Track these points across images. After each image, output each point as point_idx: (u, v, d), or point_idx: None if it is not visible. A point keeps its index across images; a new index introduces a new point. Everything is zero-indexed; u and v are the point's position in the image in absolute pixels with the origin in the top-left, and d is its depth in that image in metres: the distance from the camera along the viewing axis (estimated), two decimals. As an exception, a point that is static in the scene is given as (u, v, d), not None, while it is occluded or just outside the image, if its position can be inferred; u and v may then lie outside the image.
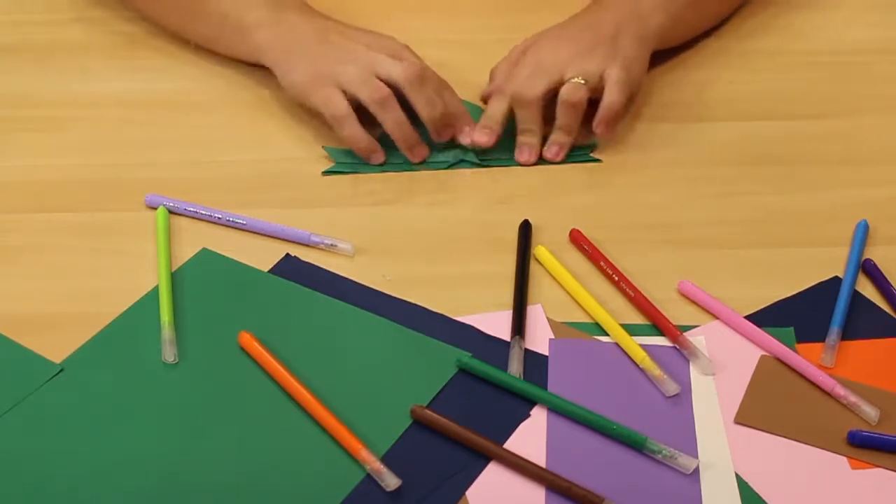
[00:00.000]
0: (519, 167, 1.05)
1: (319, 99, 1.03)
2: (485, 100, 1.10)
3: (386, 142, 1.05)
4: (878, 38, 1.22)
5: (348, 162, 1.05)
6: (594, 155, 1.06)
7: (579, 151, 1.06)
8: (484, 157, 1.05)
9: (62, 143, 1.08)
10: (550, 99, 1.04)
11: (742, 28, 1.22)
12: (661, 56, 1.17)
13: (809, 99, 1.13)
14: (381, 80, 1.02)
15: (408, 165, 1.05)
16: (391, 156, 1.05)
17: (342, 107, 1.02)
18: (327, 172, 1.04)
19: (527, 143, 1.05)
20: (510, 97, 1.04)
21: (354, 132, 1.03)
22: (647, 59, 1.09)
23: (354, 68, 1.03)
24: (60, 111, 1.12)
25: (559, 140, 1.05)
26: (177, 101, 1.13)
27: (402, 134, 1.03)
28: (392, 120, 1.03)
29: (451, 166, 1.05)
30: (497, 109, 1.05)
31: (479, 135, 1.05)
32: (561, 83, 1.03)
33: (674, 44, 1.15)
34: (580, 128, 1.06)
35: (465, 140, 1.05)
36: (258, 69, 1.13)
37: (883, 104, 1.13)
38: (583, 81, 1.03)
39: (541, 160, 1.05)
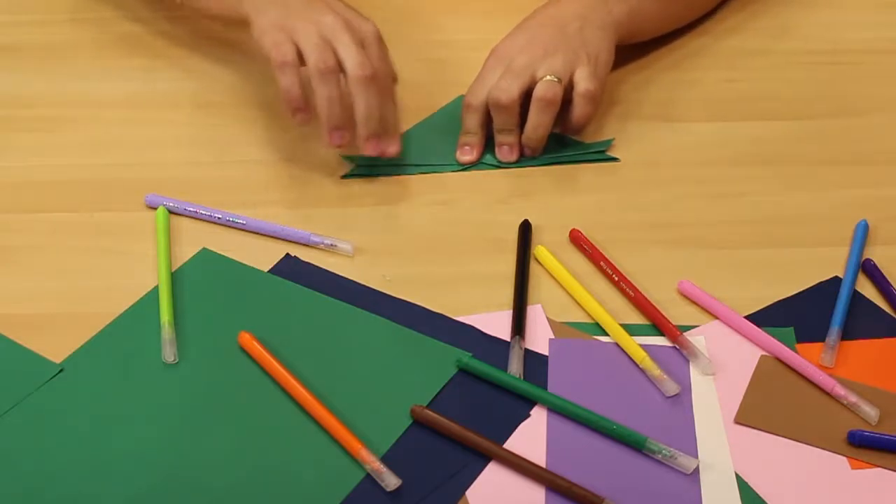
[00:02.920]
0: (519, 168, 1.05)
1: (270, 43, 1.00)
2: None
3: (410, 142, 1.06)
4: (878, 38, 1.22)
5: (367, 165, 1.04)
6: (610, 153, 1.06)
7: (595, 150, 1.06)
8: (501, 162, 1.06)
9: (62, 143, 1.08)
10: (524, 100, 1.04)
11: (742, 27, 1.22)
12: (661, 56, 1.17)
13: (809, 99, 1.13)
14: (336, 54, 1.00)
15: (425, 168, 1.05)
16: (410, 158, 1.06)
17: (289, 55, 0.99)
18: (346, 176, 1.04)
19: (507, 143, 1.05)
20: (488, 101, 1.04)
21: (292, 82, 0.99)
22: (612, 49, 1.09)
23: (314, 30, 1.00)
24: (60, 111, 1.12)
25: (532, 144, 1.04)
26: (177, 101, 1.13)
27: (329, 111, 0.99)
28: (325, 95, 0.99)
29: (468, 168, 1.06)
30: (471, 123, 1.05)
31: (461, 154, 1.05)
32: (533, 83, 1.03)
33: (639, 38, 1.15)
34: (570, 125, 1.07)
35: (391, 150, 1.02)
36: (259, 68, 1.13)
37: (883, 104, 1.13)
38: (556, 79, 1.02)
39: (547, 161, 1.06)
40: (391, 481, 0.79)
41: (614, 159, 1.06)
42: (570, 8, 1.08)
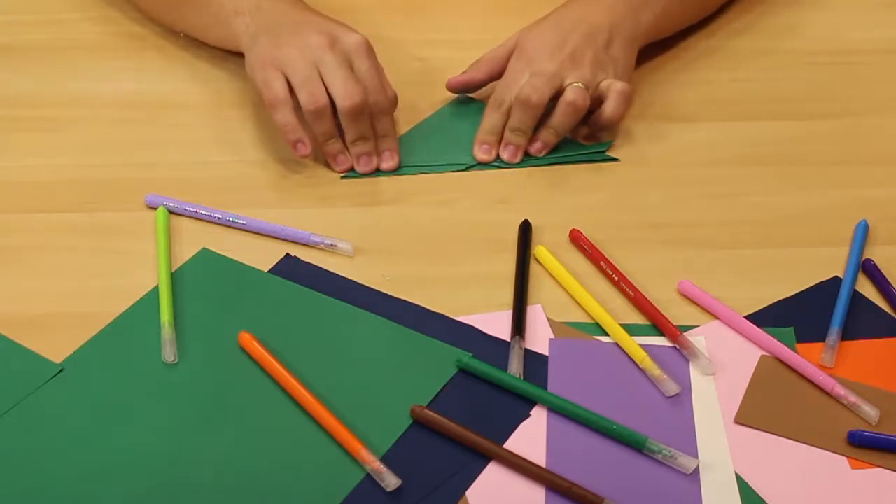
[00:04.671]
0: (519, 168, 1.05)
1: (260, 80, 1.04)
2: (452, 87, 1.10)
3: (411, 143, 1.07)
4: (878, 38, 1.22)
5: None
6: (610, 153, 1.06)
7: (595, 150, 1.06)
8: (501, 163, 1.06)
9: (62, 143, 1.08)
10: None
11: (742, 27, 1.22)
12: (662, 56, 1.17)
13: (809, 99, 1.14)
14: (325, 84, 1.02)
15: (426, 168, 1.05)
16: (412, 159, 1.05)
17: (280, 91, 1.02)
18: (347, 176, 1.04)
19: (515, 143, 1.05)
20: (514, 99, 1.04)
21: (286, 120, 1.02)
22: (634, 60, 1.10)
23: (302, 60, 1.02)
24: (60, 111, 1.12)
25: (547, 138, 1.05)
26: (177, 101, 1.13)
27: (326, 145, 1.04)
28: (321, 131, 1.03)
29: (468, 168, 1.05)
30: (496, 122, 1.06)
31: (480, 151, 1.05)
32: (561, 90, 1.04)
33: (657, 38, 1.16)
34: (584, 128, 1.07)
35: (385, 164, 1.04)
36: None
37: (883, 104, 1.13)
38: (584, 87, 1.03)
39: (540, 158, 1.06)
40: (391, 481, 0.79)
41: (614, 159, 1.06)
42: (601, 15, 1.08)
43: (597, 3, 1.10)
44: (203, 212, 0.99)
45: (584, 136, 1.08)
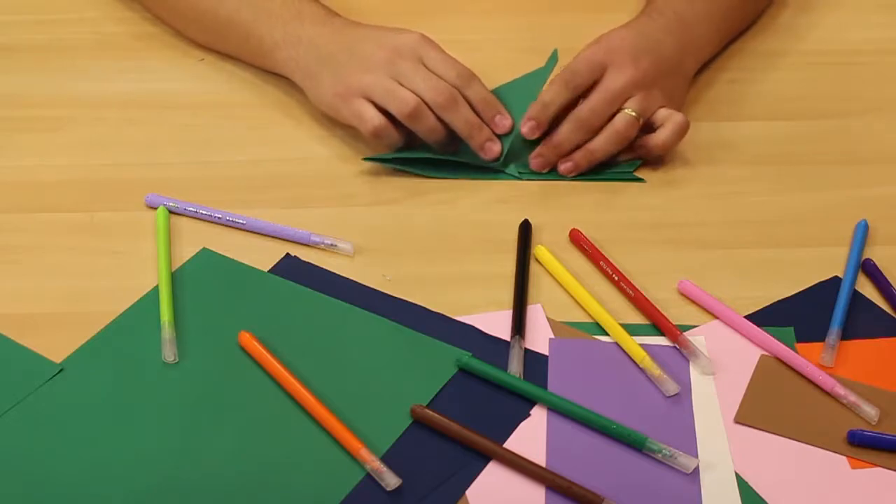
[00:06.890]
0: (537, 180, 1.04)
1: (349, 113, 1.02)
2: None
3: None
4: (878, 38, 1.22)
5: (390, 157, 1.04)
6: (638, 174, 1.04)
7: (622, 170, 1.04)
8: (524, 171, 1.04)
9: (62, 143, 1.08)
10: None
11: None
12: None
13: (809, 99, 1.14)
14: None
15: (443, 173, 1.04)
16: (430, 163, 1.04)
17: (374, 117, 1.01)
18: (368, 159, 1.04)
19: (546, 157, 1.03)
20: (578, 113, 1.02)
21: (394, 142, 1.02)
22: (687, 92, 1.10)
23: (380, 79, 1.01)
24: (60, 111, 1.12)
25: (580, 161, 1.03)
26: (177, 101, 1.13)
27: (437, 141, 1.03)
28: (427, 131, 1.01)
29: (493, 176, 1.04)
30: (554, 97, 1.02)
31: (525, 127, 1.02)
32: (619, 110, 1.02)
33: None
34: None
35: (503, 126, 1.03)
36: (258, 69, 1.13)
37: (883, 104, 1.13)
38: (637, 117, 1.01)
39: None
40: (391, 481, 0.79)
41: (640, 180, 1.04)
42: (674, 45, 1.06)
43: (678, 31, 1.07)
44: (203, 212, 0.99)
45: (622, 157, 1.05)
